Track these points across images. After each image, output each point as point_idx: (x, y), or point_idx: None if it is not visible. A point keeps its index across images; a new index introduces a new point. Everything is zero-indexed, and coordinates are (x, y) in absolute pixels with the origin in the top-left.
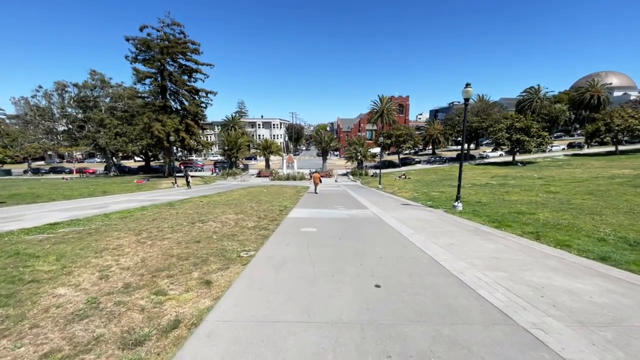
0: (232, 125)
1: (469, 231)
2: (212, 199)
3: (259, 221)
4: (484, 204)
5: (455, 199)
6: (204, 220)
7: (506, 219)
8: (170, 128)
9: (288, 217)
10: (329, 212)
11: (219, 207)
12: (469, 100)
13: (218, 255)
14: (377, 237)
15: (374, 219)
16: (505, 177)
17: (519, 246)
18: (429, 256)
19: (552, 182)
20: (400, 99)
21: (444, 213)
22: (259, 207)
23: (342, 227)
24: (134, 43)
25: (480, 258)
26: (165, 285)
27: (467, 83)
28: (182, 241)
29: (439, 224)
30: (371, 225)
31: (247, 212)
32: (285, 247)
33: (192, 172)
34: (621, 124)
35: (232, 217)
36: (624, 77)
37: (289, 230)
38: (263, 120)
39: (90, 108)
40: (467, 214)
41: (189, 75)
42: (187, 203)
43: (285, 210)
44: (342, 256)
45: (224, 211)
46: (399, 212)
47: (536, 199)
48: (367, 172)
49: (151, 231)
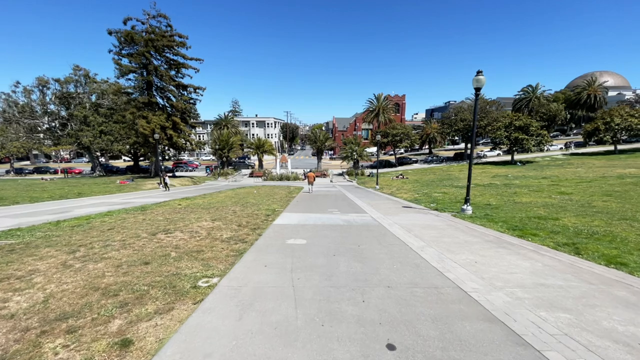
0: (224, 124)
1: (489, 242)
2: (194, 201)
3: (237, 230)
4: (494, 207)
5: (464, 202)
6: (170, 230)
7: (527, 225)
8: (156, 125)
9: (274, 224)
10: (322, 217)
11: (197, 211)
12: (480, 90)
13: (165, 286)
14: (381, 253)
15: (374, 226)
16: (508, 177)
17: (562, 265)
18: (453, 283)
19: (559, 183)
20: (397, 98)
21: (453, 218)
22: (243, 211)
23: (338, 237)
24: (117, 36)
25: (521, 285)
26: (50, 354)
27: (478, 70)
28: (124, 263)
29: (452, 232)
30: (371, 234)
31: (226, 218)
32: (261, 271)
33: (183, 172)
34: (621, 123)
35: (206, 225)
36: (618, 77)
37: (272, 242)
38: (257, 119)
39: (74, 105)
40: (479, 218)
41: (177, 70)
42: (162, 207)
43: (272, 215)
44: (337, 285)
45: (200, 217)
46: (402, 216)
47: (551, 201)
48: (363, 172)
49: (93, 247)
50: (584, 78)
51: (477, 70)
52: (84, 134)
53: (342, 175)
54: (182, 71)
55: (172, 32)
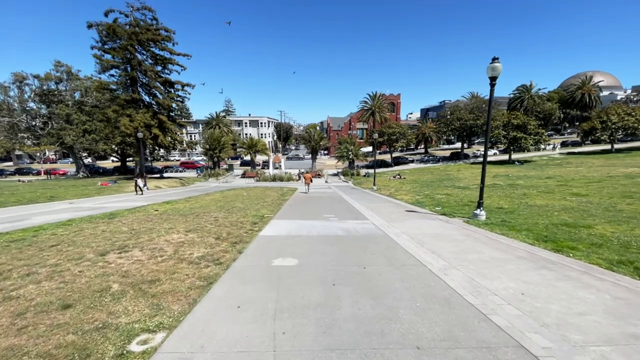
0: (215, 124)
1: (523, 259)
2: (174, 206)
3: (214, 245)
4: (508, 211)
5: (477, 206)
6: (128, 246)
7: (557, 235)
8: (140, 124)
9: (260, 235)
10: (317, 225)
11: (172, 219)
12: (495, 79)
13: (72, 356)
14: (395, 279)
15: (379, 237)
16: (510, 177)
17: (638, 296)
18: (508, 336)
19: (567, 183)
20: (392, 97)
21: (466, 225)
22: (227, 218)
23: (337, 254)
24: (99, 30)
25: (609, 340)
26: None
27: (493, 57)
28: (34, 306)
29: (472, 245)
30: (377, 249)
31: (204, 228)
32: (232, 316)
33: (171, 174)
34: (618, 122)
35: (176, 239)
36: (610, 77)
37: (254, 264)
38: (250, 118)
39: (55, 103)
40: (497, 226)
41: (163, 66)
42: (135, 213)
43: (260, 224)
44: (340, 344)
45: (173, 227)
46: (408, 224)
47: (568, 204)
48: (359, 172)
49: (10, 276)
50: (577, 77)
51: (492, 57)
52: (67, 133)
53: (337, 176)
54: (169, 67)
55: (158, 26)
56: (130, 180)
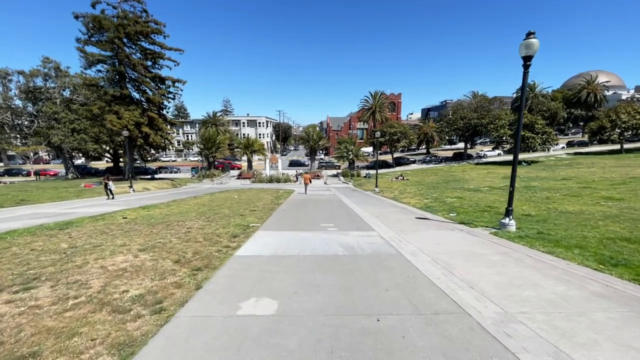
0: (212, 123)
1: (606, 299)
2: (150, 212)
3: (167, 274)
4: (540, 220)
5: (505, 214)
6: (40, 278)
7: (622, 254)
8: (128, 121)
9: (237, 255)
10: (312, 239)
11: (133, 232)
12: (531, 60)
13: None
14: (431, 348)
15: (391, 257)
16: (521, 178)
17: None
18: None
19: (590, 185)
20: (392, 97)
21: (495, 238)
22: (203, 229)
23: (336, 292)
24: (85, 21)
25: None
26: None
27: (528, 32)
28: None
29: (520, 271)
30: (393, 280)
31: (166, 245)
32: None
33: (166, 174)
34: (628, 121)
35: (118, 264)
36: (613, 77)
37: (211, 311)
38: (248, 118)
39: (43, 100)
40: (535, 240)
41: (153, 61)
42: (97, 221)
43: (241, 236)
44: None
45: (125, 244)
46: (424, 236)
47: (609, 211)
48: (359, 173)
49: None
50: (580, 77)
51: (526, 33)
52: (54, 132)
53: (337, 177)
54: (160, 62)
55: (148, 18)
56: (117, 182)
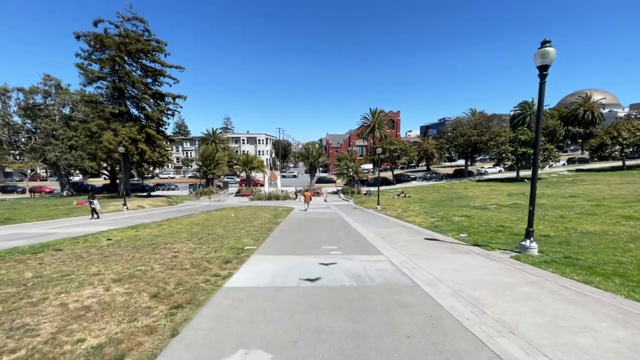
0: (211, 140)
1: None
2: (138, 232)
3: (140, 315)
4: (561, 241)
5: (525, 235)
6: None
7: None
8: (124, 138)
9: (227, 286)
10: (313, 265)
11: (114, 256)
12: (547, 69)
13: None
14: None
15: (407, 289)
16: (526, 196)
17: None
18: None
19: (602, 203)
20: (391, 114)
21: (518, 263)
22: (192, 253)
23: (345, 344)
24: (87, 40)
25: None
26: None
27: (543, 41)
28: None
29: (563, 309)
30: (414, 323)
31: (147, 273)
32: None
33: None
34: (629, 138)
35: (84, 299)
36: (608, 95)
37: None
38: (248, 135)
39: (42, 117)
40: (564, 265)
41: (154, 79)
42: (77, 244)
43: (234, 262)
44: None
45: (100, 272)
46: (438, 261)
47: (634, 231)
48: (360, 190)
49: None
50: (575, 95)
51: (541, 41)
52: (51, 149)
53: (337, 194)
54: (160, 79)
55: (150, 37)
56: (112, 200)
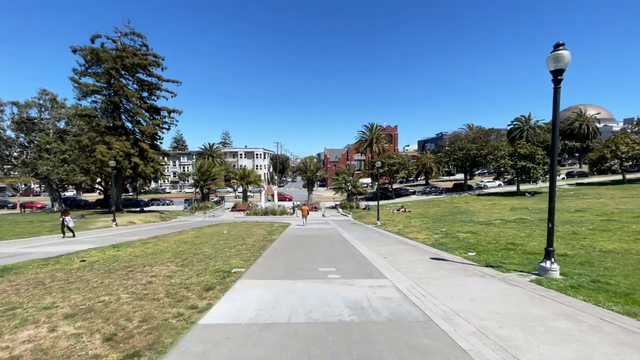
0: (208, 154)
1: None
2: (119, 252)
3: None
4: (581, 262)
5: (545, 256)
6: None
7: None
8: (118, 152)
9: (202, 323)
10: (309, 292)
11: (79, 283)
12: (562, 74)
13: None
14: None
15: (419, 327)
16: (531, 210)
17: None
18: None
19: (612, 218)
20: (389, 129)
21: (542, 289)
22: (171, 277)
23: None
24: (83, 54)
25: None
26: None
27: (556, 44)
28: None
29: (617, 353)
30: None
31: (110, 305)
32: None
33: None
34: (628, 151)
35: (22, 342)
36: (602, 110)
37: None
38: (245, 150)
39: (36, 131)
40: (595, 291)
41: (150, 93)
42: (46, 266)
43: (217, 288)
44: None
45: (51, 306)
46: (450, 287)
47: None
48: (359, 205)
49: None
50: (569, 110)
51: (554, 45)
52: (43, 163)
53: (335, 208)
54: (157, 93)
55: (147, 52)
56: (102, 215)
